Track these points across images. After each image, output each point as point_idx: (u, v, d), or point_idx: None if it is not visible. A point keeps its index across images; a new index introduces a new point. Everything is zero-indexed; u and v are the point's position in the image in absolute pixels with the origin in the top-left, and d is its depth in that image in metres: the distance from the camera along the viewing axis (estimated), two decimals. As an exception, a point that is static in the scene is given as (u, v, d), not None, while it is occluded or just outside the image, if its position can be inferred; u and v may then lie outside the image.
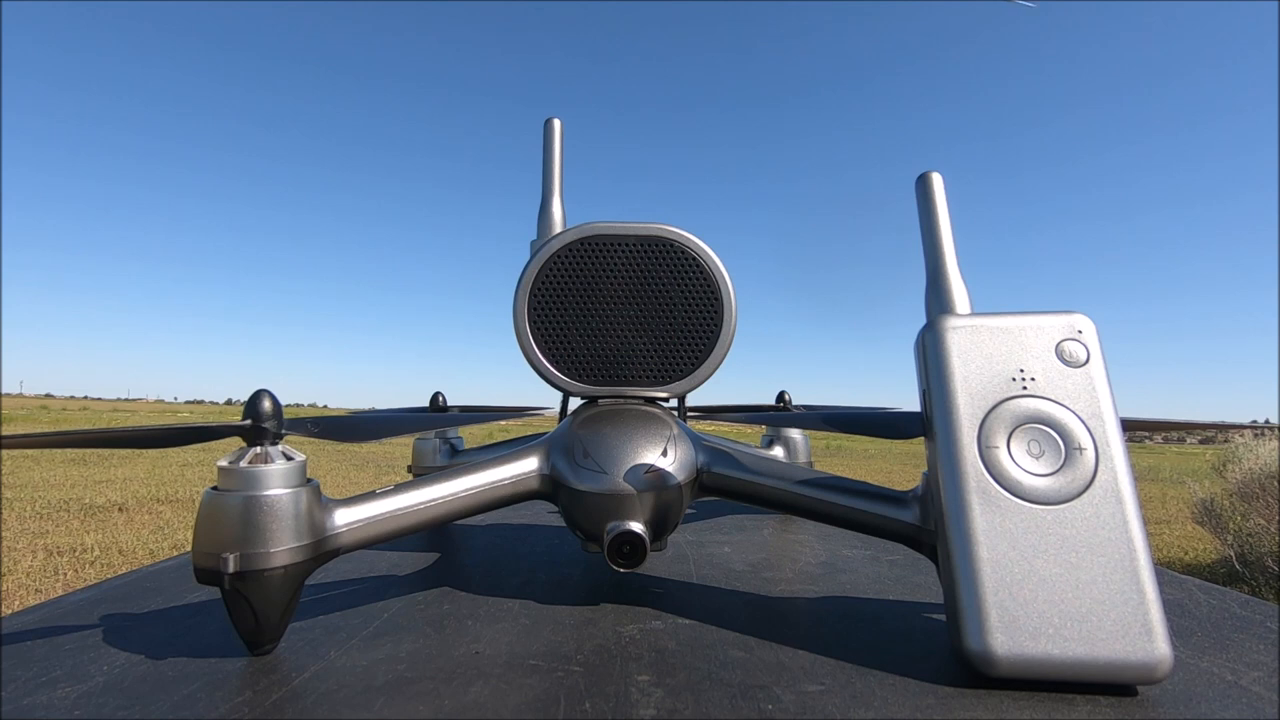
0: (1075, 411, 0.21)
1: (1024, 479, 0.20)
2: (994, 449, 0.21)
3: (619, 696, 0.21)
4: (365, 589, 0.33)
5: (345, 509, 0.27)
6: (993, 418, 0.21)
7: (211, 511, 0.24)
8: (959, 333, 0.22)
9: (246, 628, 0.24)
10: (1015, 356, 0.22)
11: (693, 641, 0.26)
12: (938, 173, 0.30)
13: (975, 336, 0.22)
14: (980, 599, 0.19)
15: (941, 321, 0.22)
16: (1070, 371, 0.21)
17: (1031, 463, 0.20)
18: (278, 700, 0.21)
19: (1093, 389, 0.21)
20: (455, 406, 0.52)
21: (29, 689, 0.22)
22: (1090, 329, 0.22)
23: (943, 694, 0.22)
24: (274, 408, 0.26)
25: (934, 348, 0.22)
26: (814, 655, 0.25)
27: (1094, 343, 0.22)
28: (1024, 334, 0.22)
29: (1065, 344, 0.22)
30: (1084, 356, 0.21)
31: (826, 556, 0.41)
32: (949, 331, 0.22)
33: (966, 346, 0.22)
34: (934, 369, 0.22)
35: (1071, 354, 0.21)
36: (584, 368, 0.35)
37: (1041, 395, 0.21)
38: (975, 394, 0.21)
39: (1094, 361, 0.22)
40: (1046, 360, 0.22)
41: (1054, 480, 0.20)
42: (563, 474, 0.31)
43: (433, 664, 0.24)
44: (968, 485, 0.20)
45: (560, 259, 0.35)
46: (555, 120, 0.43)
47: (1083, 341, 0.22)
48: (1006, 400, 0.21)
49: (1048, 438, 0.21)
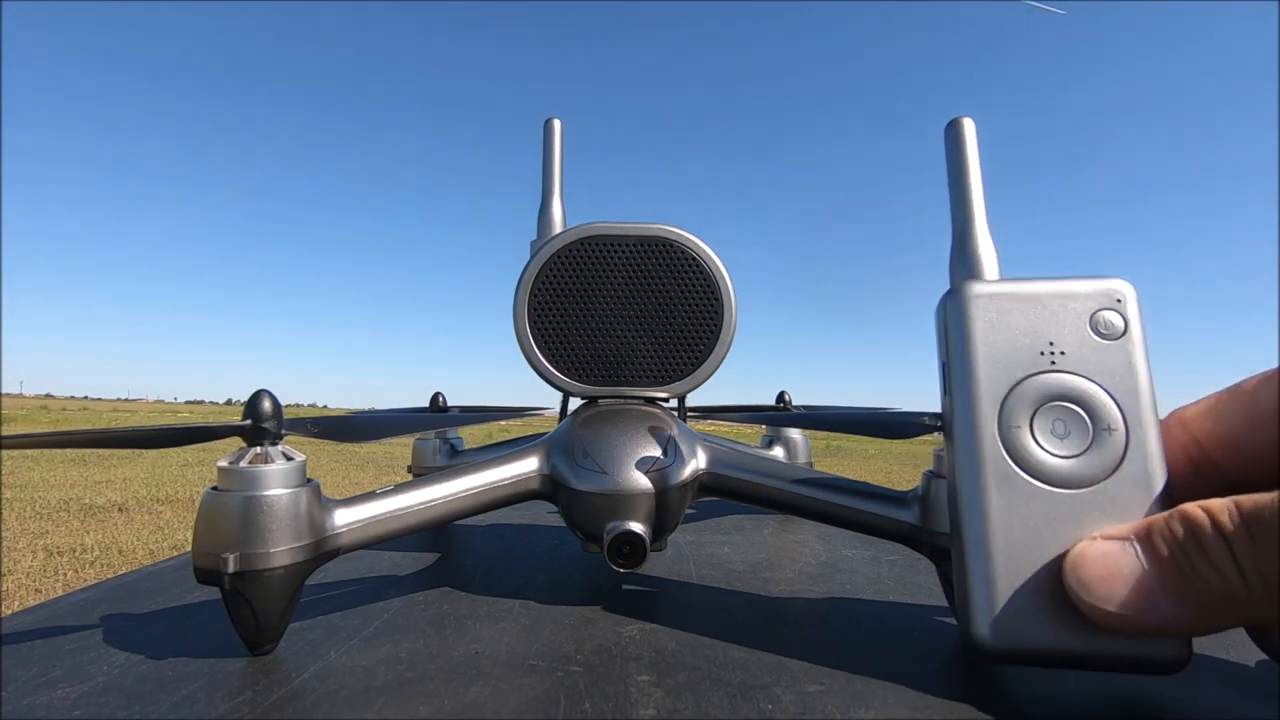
0: (1107, 388, 0.19)
1: (1046, 461, 0.19)
2: (1016, 429, 0.19)
3: (619, 696, 0.21)
4: (365, 589, 0.33)
5: (345, 509, 0.27)
6: (1016, 395, 0.19)
7: (211, 511, 0.24)
8: (984, 301, 0.20)
9: (246, 628, 0.24)
10: (1045, 328, 0.20)
11: (692, 641, 0.26)
12: (969, 118, 0.27)
13: (1002, 305, 0.20)
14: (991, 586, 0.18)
15: (966, 288, 0.21)
16: (1104, 344, 0.20)
17: (1055, 443, 0.19)
18: (278, 700, 0.21)
19: (1128, 363, 0.19)
20: (455, 406, 0.52)
21: (29, 689, 0.22)
22: (1131, 296, 0.20)
23: (943, 694, 0.22)
24: (274, 408, 0.26)
25: (956, 317, 0.20)
26: (814, 655, 0.25)
27: (1134, 313, 0.20)
28: (1056, 302, 0.20)
29: (1101, 314, 0.20)
30: (1121, 328, 0.20)
31: (826, 556, 0.41)
32: (974, 299, 0.20)
33: (992, 316, 0.20)
34: (955, 340, 0.20)
35: (1108, 324, 0.20)
36: (584, 368, 0.35)
37: (1071, 371, 0.19)
38: (999, 368, 0.20)
39: (1132, 333, 0.20)
40: (1079, 332, 0.20)
41: (1079, 462, 0.19)
42: (562, 474, 0.31)
43: (433, 664, 0.24)
44: (985, 468, 0.19)
45: (560, 259, 0.35)
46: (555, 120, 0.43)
47: (1121, 311, 0.20)
48: (1033, 376, 0.20)
49: (1075, 417, 0.19)
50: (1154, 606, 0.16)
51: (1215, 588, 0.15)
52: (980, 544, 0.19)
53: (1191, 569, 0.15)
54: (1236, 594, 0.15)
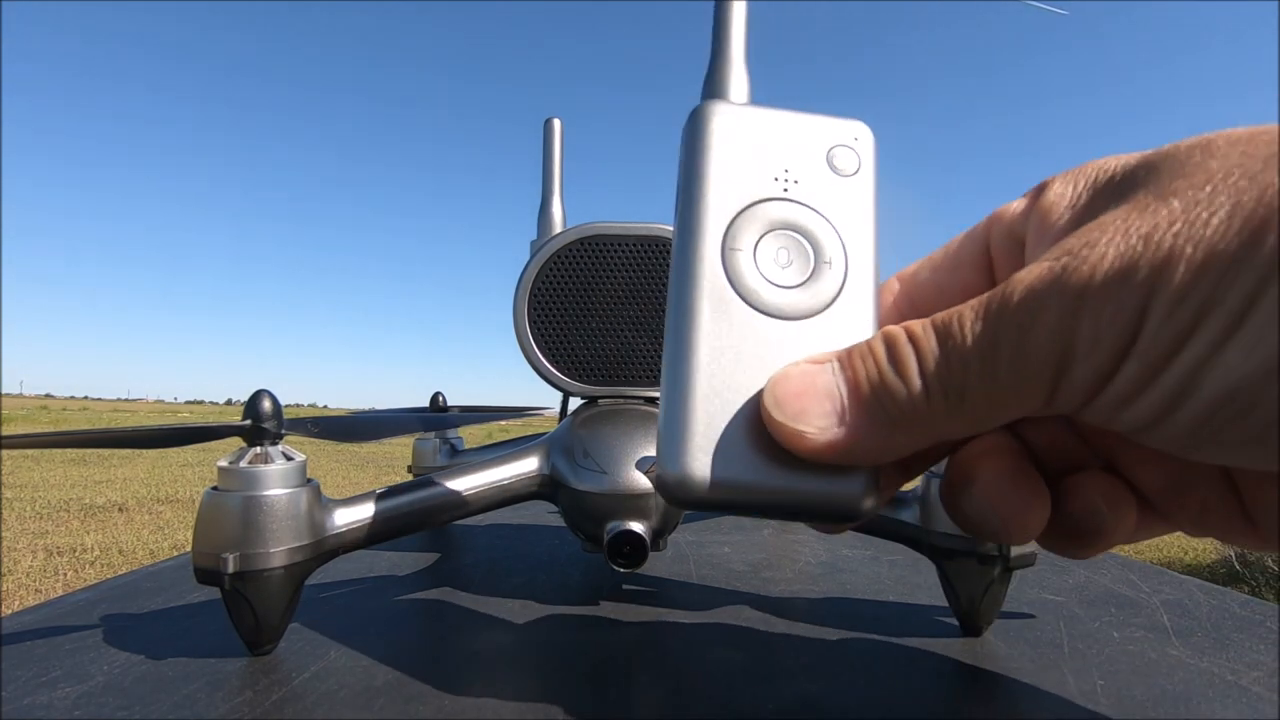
0: (833, 222, 0.19)
1: (763, 289, 0.18)
2: (737, 251, 0.18)
3: (619, 696, 0.21)
4: (365, 589, 0.33)
5: (345, 509, 0.27)
6: (745, 217, 0.18)
7: (211, 511, 0.24)
8: (725, 118, 0.19)
9: (246, 628, 0.24)
10: (782, 156, 0.19)
11: (693, 641, 0.26)
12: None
13: (743, 126, 0.19)
14: (687, 415, 0.16)
15: (708, 105, 0.19)
16: (837, 180, 0.19)
17: (777, 272, 0.18)
18: (278, 700, 0.21)
19: (856, 201, 0.19)
20: (455, 406, 0.52)
21: (29, 689, 0.22)
22: (868, 138, 0.20)
23: (944, 694, 0.22)
24: (274, 408, 0.26)
25: (693, 134, 0.19)
26: (814, 655, 0.25)
27: (869, 154, 0.19)
28: (796, 132, 0.19)
29: (838, 149, 0.19)
30: (855, 166, 0.19)
31: (826, 556, 0.41)
32: (715, 116, 0.19)
33: (731, 136, 0.19)
34: (690, 157, 0.19)
35: (842, 161, 0.19)
36: (584, 368, 0.35)
37: (800, 201, 0.19)
38: (730, 189, 0.19)
39: (864, 172, 0.19)
40: (815, 164, 0.19)
41: (796, 294, 0.18)
42: (563, 474, 0.31)
43: (433, 664, 0.24)
44: (701, 287, 0.18)
45: (560, 259, 0.35)
46: (555, 120, 0.43)
47: (856, 149, 0.19)
48: (763, 201, 0.19)
49: (799, 247, 0.18)
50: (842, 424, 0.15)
51: (899, 400, 0.15)
52: (685, 370, 0.17)
53: (880, 384, 0.15)
54: (918, 406, 0.15)
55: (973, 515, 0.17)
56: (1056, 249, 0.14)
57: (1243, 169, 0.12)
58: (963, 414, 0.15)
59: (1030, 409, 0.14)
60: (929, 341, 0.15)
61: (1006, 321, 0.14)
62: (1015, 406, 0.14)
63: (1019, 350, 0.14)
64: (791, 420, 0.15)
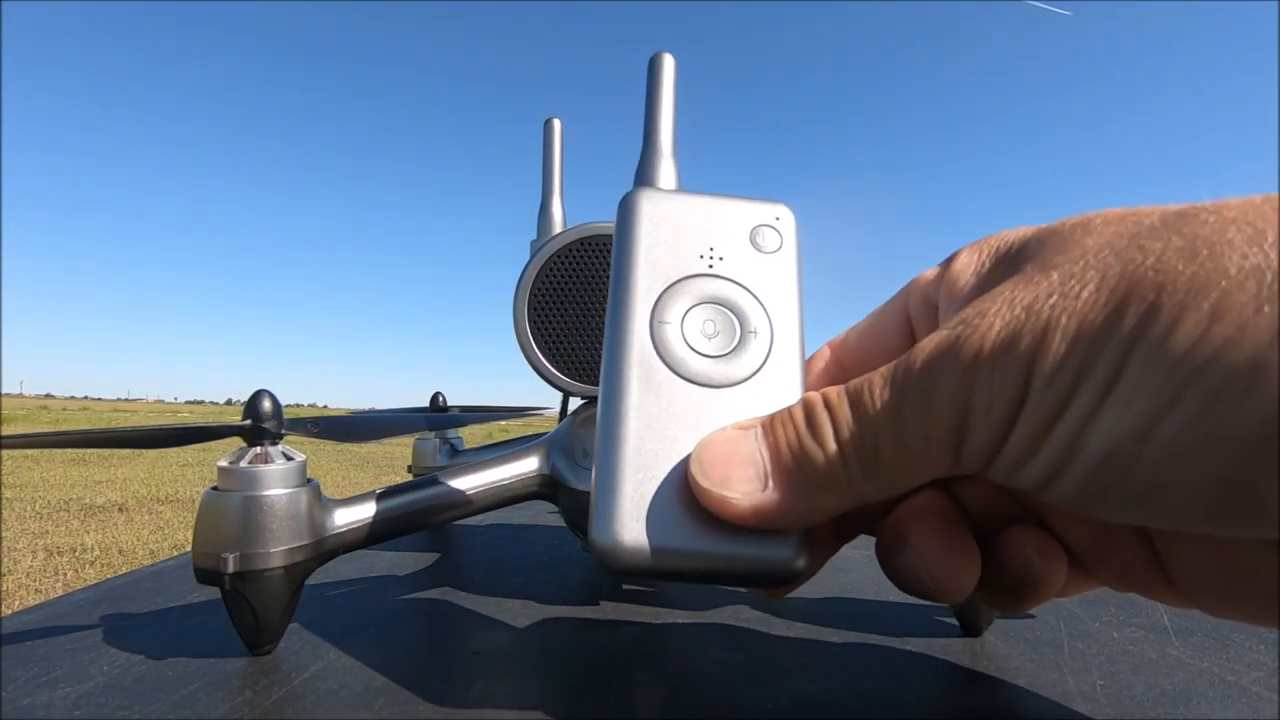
0: (757, 295, 0.20)
1: (690, 358, 0.18)
2: (665, 324, 0.19)
3: (619, 696, 0.21)
4: (365, 589, 0.33)
5: (345, 509, 0.27)
6: (672, 292, 0.19)
7: (211, 511, 0.24)
8: (654, 203, 0.20)
9: (246, 628, 0.24)
10: (707, 235, 0.20)
11: (693, 641, 0.26)
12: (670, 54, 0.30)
13: (670, 209, 0.20)
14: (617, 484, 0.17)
15: (638, 192, 0.21)
16: (760, 257, 0.20)
17: (703, 342, 0.19)
18: (278, 700, 0.21)
19: (779, 275, 0.20)
20: (455, 406, 0.52)
21: (29, 689, 0.22)
22: (789, 218, 0.21)
23: (944, 694, 0.22)
24: (274, 408, 0.26)
25: (625, 218, 0.20)
26: (814, 655, 0.25)
27: (790, 232, 0.21)
28: (721, 213, 0.21)
29: (760, 229, 0.20)
30: (777, 244, 0.20)
31: (826, 556, 0.41)
32: (644, 201, 0.20)
33: (659, 218, 0.20)
34: (621, 239, 0.20)
35: (765, 239, 0.20)
36: (584, 368, 0.35)
37: (725, 276, 0.20)
38: (658, 266, 0.20)
39: (786, 249, 0.20)
40: (739, 242, 0.20)
41: (722, 363, 0.19)
42: (563, 474, 0.31)
43: (433, 664, 0.24)
44: (629, 359, 0.18)
45: (560, 259, 0.35)
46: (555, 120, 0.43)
47: (778, 229, 0.20)
48: (690, 277, 0.20)
49: (725, 319, 0.19)
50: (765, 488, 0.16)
51: (818, 466, 0.15)
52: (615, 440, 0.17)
53: (800, 449, 0.16)
54: (836, 471, 0.15)
55: (905, 576, 0.18)
56: (955, 319, 0.15)
57: (1112, 246, 0.13)
58: (878, 476, 0.15)
59: (940, 470, 0.15)
60: (843, 408, 0.15)
61: (910, 388, 0.15)
62: (926, 468, 0.15)
63: (923, 415, 0.14)
64: (717, 486, 0.16)
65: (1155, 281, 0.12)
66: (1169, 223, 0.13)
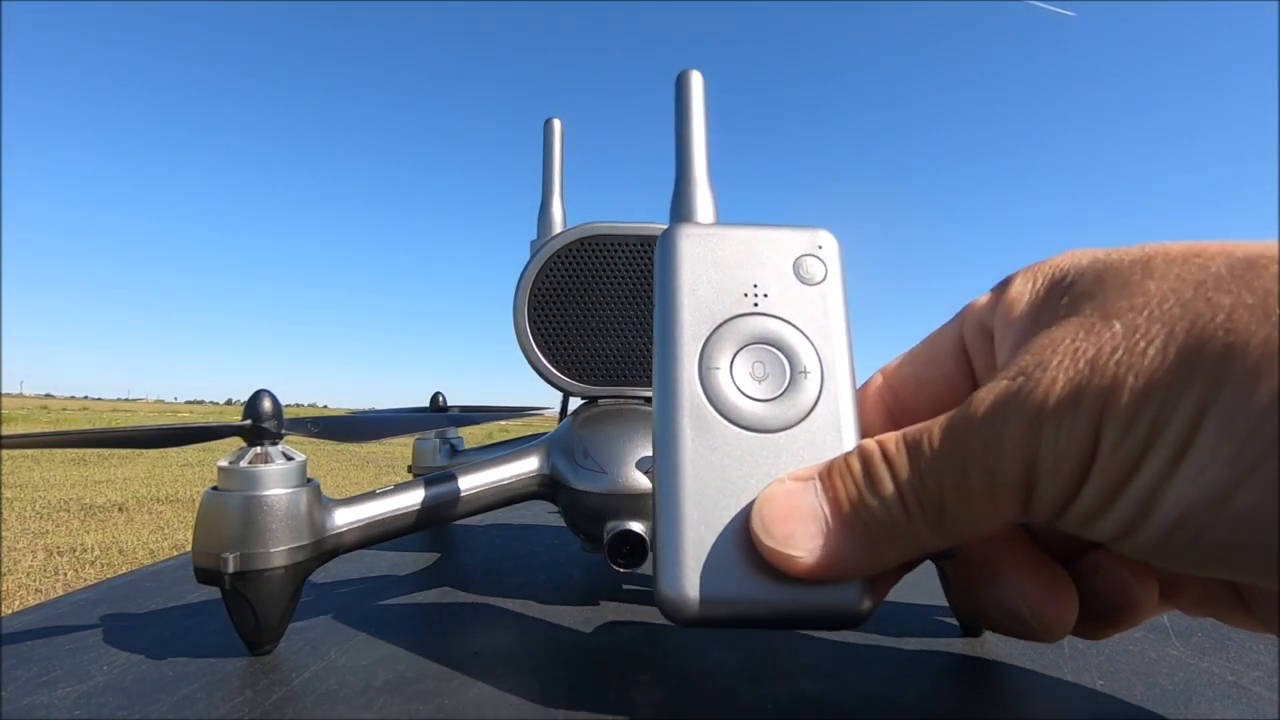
0: (804, 332, 0.19)
1: (742, 404, 0.18)
2: (715, 370, 0.19)
3: (619, 696, 0.21)
4: (365, 589, 0.33)
5: (345, 509, 0.27)
6: (719, 335, 0.19)
7: (211, 511, 0.24)
8: (693, 241, 0.20)
9: (246, 628, 0.24)
10: (750, 271, 0.20)
11: (692, 641, 0.26)
12: (698, 71, 0.28)
13: (711, 247, 0.20)
14: (680, 537, 0.17)
15: (677, 229, 0.20)
16: (805, 289, 0.20)
17: (753, 386, 0.19)
18: (278, 700, 0.21)
19: (826, 308, 0.19)
20: (455, 406, 0.52)
21: (29, 689, 0.22)
22: (832, 245, 0.20)
23: (944, 694, 0.22)
24: (274, 408, 0.26)
25: (665, 258, 0.20)
26: (814, 655, 0.25)
27: (834, 260, 0.20)
28: (762, 246, 0.20)
29: (803, 259, 0.20)
30: (821, 274, 0.20)
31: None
32: (683, 239, 0.20)
33: (700, 257, 0.20)
34: (663, 280, 0.20)
35: (809, 270, 0.20)
36: (584, 368, 0.35)
37: (772, 314, 0.19)
38: (703, 309, 0.19)
39: (831, 279, 0.20)
40: (783, 276, 0.20)
41: (774, 406, 0.18)
42: (563, 474, 0.31)
43: (433, 664, 0.24)
44: (682, 408, 0.18)
45: (560, 259, 0.35)
46: (555, 120, 0.43)
47: (821, 258, 0.20)
48: (736, 318, 0.19)
49: (774, 359, 0.19)
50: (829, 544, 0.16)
51: (880, 518, 0.15)
52: (674, 492, 0.17)
53: (861, 502, 0.15)
54: (898, 522, 0.15)
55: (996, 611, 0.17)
56: (1014, 367, 0.14)
57: (1177, 295, 0.13)
58: (943, 527, 0.15)
59: (1006, 520, 0.15)
60: (901, 459, 0.15)
61: (974, 438, 0.14)
62: (992, 518, 0.15)
63: (987, 466, 0.14)
64: (781, 545, 0.16)
65: (1226, 342, 0.12)
66: (1236, 273, 0.12)
